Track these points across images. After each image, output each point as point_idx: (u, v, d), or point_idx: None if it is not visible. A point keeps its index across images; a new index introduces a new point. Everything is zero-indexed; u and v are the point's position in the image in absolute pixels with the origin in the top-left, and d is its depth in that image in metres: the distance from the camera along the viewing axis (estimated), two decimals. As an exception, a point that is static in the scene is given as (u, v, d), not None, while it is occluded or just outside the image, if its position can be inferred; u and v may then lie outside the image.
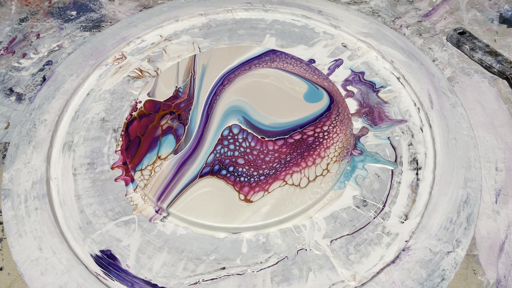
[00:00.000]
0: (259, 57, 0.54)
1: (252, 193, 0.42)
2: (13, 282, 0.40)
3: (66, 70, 0.53)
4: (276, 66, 0.53)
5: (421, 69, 0.52)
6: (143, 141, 0.46)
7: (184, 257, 0.40)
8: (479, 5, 0.58)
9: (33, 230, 0.40)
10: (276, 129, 0.47)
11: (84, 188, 0.44)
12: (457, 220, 0.40)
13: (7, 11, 0.59)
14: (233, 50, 0.55)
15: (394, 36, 0.56)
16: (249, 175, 0.43)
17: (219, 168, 0.44)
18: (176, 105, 0.49)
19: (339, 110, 0.48)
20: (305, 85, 0.51)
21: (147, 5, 0.63)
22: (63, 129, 0.49)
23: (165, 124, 0.47)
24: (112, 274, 0.38)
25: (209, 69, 0.53)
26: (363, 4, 0.62)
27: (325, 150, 0.45)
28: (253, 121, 0.47)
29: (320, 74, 0.52)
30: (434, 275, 0.37)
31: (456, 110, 0.48)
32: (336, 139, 0.45)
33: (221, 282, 0.38)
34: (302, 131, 0.46)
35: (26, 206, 0.42)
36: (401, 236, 0.40)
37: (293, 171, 0.43)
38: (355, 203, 0.43)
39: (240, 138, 0.46)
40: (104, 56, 0.55)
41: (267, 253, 0.40)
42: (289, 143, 0.45)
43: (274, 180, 0.43)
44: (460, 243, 0.39)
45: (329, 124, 0.47)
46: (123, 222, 0.42)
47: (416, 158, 0.46)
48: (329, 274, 0.38)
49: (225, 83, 0.51)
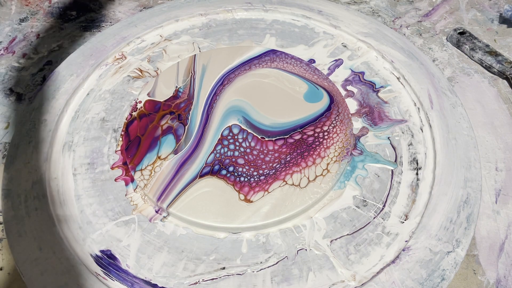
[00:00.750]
0: (259, 57, 0.54)
1: (252, 193, 0.42)
2: (13, 282, 0.40)
3: (66, 70, 0.53)
4: (276, 66, 0.53)
5: (421, 69, 0.52)
6: (143, 141, 0.46)
7: (184, 257, 0.40)
8: (479, 5, 0.58)
9: (33, 230, 0.40)
10: (276, 129, 0.47)
11: (84, 188, 0.44)
12: (457, 220, 0.40)
13: (7, 11, 0.59)
14: (233, 50, 0.55)
15: (394, 36, 0.56)
16: (249, 175, 0.43)
17: (219, 168, 0.44)
18: (176, 105, 0.49)
19: (339, 110, 0.48)
20: (305, 85, 0.51)
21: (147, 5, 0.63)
22: (63, 129, 0.49)
23: (165, 124, 0.47)
24: (112, 274, 0.38)
25: (209, 69, 0.53)
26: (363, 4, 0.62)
27: (325, 150, 0.45)
28: (253, 121, 0.47)
29: (320, 74, 0.52)
30: (434, 275, 0.37)
31: (456, 110, 0.48)
32: (336, 139, 0.45)
33: (221, 282, 0.38)
34: (302, 131, 0.46)
35: (26, 206, 0.42)
36: (401, 236, 0.40)
37: (293, 171, 0.43)
38: (355, 203, 0.43)
39: (240, 138, 0.46)
40: (104, 56, 0.55)
41: (267, 253, 0.40)
42: (289, 143, 0.45)
43: (274, 180, 0.43)
44: (460, 243, 0.39)
45: (329, 124, 0.47)
46: (123, 222, 0.42)
47: (416, 158, 0.46)
48: (329, 274, 0.38)
49: (225, 83, 0.51)
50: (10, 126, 0.48)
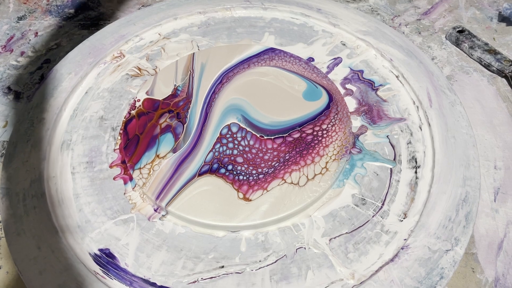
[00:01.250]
0: (258, 56, 0.54)
1: (251, 191, 0.42)
2: (11, 281, 0.40)
3: (64, 69, 0.53)
4: (275, 64, 0.53)
5: (420, 68, 0.52)
6: (142, 140, 0.46)
7: (183, 255, 0.40)
8: (478, 3, 0.58)
9: (31, 229, 0.40)
10: (275, 127, 0.47)
11: (82, 186, 0.44)
12: (455, 219, 0.40)
13: (5, 9, 0.59)
14: (232, 48, 0.55)
15: (393, 34, 0.56)
16: (248, 173, 0.43)
17: (218, 167, 0.43)
18: (174, 103, 0.49)
19: (338, 108, 0.48)
20: (304, 83, 0.51)
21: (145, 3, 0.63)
22: (61, 127, 0.48)
23: (164, 123, 0.47)
24: (110, 273, 0.38)
25: (207, 68, 0.53)
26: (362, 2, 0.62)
27: (324, 148, 0.45)
28: (252, 120, 0.47)
29: (319, 73, 0.52)
30: (432, 274, 0.37)
31: (455, 109, 0.48)
32: (335, 138, 0.45)
33: (220, 281, 0.38)
34: (301, 129, 0.46)
35: (24, 204, 0.42)
36: (400, 234, 0.40)
37: (292, 169, 0.43)
38: (354, 202, 0.43)
39: (239, 136, 0.46)
40: (103, 55, 0.55)
41: (266, 251, 0.40)
42: (288, 141, 0.45)
43: (273, 178, 0.43)
44: (459, 242, 0.39)
45: (328, 122, 0.47)
46: (121, 221, 0.42)
47: (415, 157, 0.46)
48: (328, 272, 0.38)
49: (224, 82, 0.51)
50: (8, 125, 0.48)
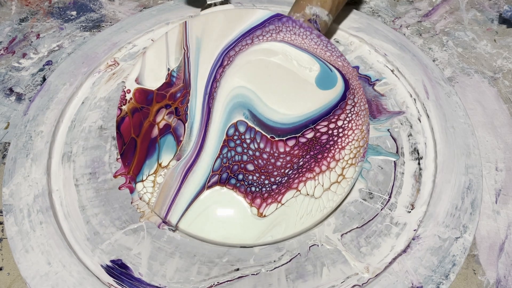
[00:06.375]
0: (262, 26, 0.47)
1: (264, 205, 0.39)
2: (13, 282, 0.39)
3: (58, 79, 0.52)
4: (283, 38, 0.46)
5: (414, 61, 0.53)
6: (140, 144, 0.42)
7: (196, 261, 0.39)
8: (479, 5, 0.59)
9: (39, 245, 0.39)
10: (286, 125, 0.42)
11: (88, 198, 0.43)
12: (462, 206, 0.41)
13: (7, 11, 0.58)
14: (231, 16, 0.48)
15: (385, 29, 0.57)
16: (260, 184, 0.40)
17: (227, 177, 0.40)
18: (171, 95, 0.44)
19: (354, 99, 0.43)
20: (317, 65, 0.45)
21: (147, 5, 0.63)
22: (60, 139, 0.48)
23: (162, 121, 0.43)
24: (125, 284, 0.38)
25: (204, 44, 0.46)
26: (363, 4, 0.62)
27: (340, 151, 0.41)
28: (261, 116, 0.43)
29: (334, 50, 0.46)
30: (445, 261, 0.38)
31: (451, 99, 0.49)
32: (351, 137, 0.42)
33: (236, 284, 0.38)
34: (314, 127, 0.42)
35: (30, 220, 0.41)
36: (409, 225, 0.41)
37: (307, 178, 0.40)
38: (361, 196, 0.43)
39: (248, 138, 0.42)
40: (96, 63, 0.54)
41: (280, 251, 0.40)
42: (301, 143, 0.42)
43: (287, 189, 0.40)
44: (467, 229, 0.40)
45: (344, 118, 0.43)
46: (131, 230, 0.41)
47: (417, 148, 0.46)
48: (343, 267, 0.39)
49: (225, 64, 0.45)
50: (10, 126, 0.47)
